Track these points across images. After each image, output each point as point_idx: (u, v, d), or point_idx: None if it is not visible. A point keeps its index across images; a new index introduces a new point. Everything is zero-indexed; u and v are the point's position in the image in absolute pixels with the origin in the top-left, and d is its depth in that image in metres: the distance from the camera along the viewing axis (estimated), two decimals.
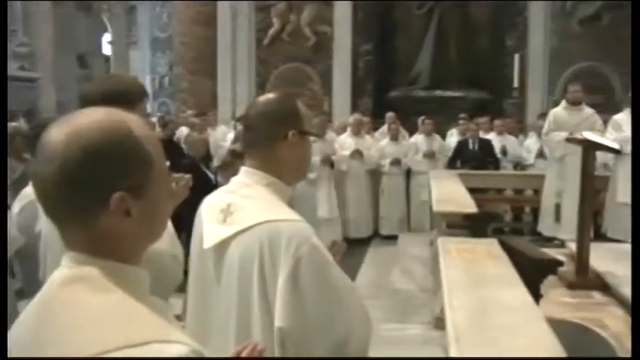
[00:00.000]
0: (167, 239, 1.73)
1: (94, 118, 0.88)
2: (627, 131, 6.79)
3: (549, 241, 6.85)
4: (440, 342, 1.97)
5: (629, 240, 6.53)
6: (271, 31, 11.85)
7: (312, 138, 1.60)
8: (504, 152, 8.43)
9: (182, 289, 1.74)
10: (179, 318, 1.93)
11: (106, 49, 15.04)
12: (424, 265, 5.59)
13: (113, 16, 13.59)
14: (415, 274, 5.52)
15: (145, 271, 0.94)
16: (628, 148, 6.64)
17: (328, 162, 7.87)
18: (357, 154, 8.11)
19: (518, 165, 8.68)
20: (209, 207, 1.57)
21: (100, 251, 0.88)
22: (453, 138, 8.93)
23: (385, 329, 4.15)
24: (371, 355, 3.66)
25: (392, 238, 7.79)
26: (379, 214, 8.38)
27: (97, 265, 0.87)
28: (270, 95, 1.62)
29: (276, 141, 1.52)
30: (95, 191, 0.85)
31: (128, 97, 1.79)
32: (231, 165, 5.56)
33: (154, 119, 11.35)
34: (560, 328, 3.87)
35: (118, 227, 0.88)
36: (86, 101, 1.71)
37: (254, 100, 1.64)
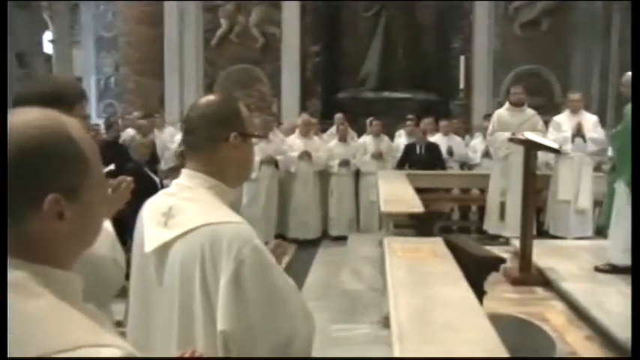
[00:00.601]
0: (107, 243, 1.69)
1: (29, 117, 0.85)
2: (567, 131, 7.04)
3: (495, 239, 7.01)
4: (388, 341, 1.99)
5: (570, 236, 6.80)
6: (219, 32, 11.75)
7: (254, 140, 1.60)
8: (451, 152, 8.60)
9: (124, 294, 1.70)
10: (121, 323, 1.89)
11: (48, 48, 14.56)
12: (373, 266, 5.63)
13: (55, 13, 13.19)
14: (364, 274, 5.57)
15: (78, 276, 0.92)
16: (567, 148, 6.89)
17: (272, 162, 7.86)
18: (305, 155, 8.13)
19: (465, 165, 8.87)
20: (150, 210, 1.54)
21: (31, 255, 0.85)
22: (401, 139, 9.05)
23: (334, 329, 4.18)
24: (321, 355, 3.68)
25: (341, 239, 7.83)
26: (328, 215, 8.42)
27: (28, 270, 0.84)
28: (210, 97, 1.61)
29: (217, 143, 1.51)
30: (28, 192, 0.82)
31: (64, 98, 1.75)
32: (181, 168, 5.48)
33: (100, 121, 11.09)
34: (503, 322, 3.98)
35: (50, 231, 0.85)
36: (20, 102, 1.66)
37: (195, 103, 1.62)
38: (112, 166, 5.73)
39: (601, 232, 5.19)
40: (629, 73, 5.39)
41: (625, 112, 5.06)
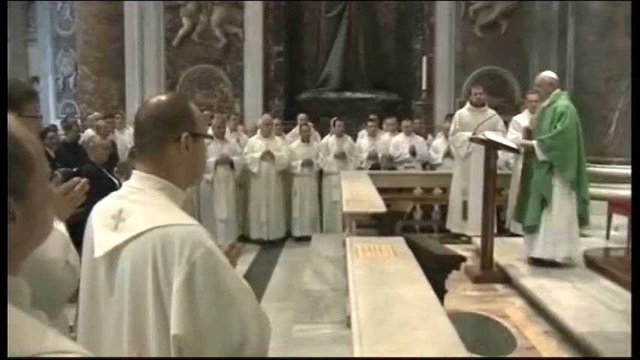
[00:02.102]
0: (60, 245, 1.65)
1: None
2: None
3: (457, 237, 7.09)
4: (350, 340, 1.99)
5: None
6: (181, 32, 11.64)
7: (206, 140, 1.57)
8: (413, 152, 8.67)
9: (75, 299, 1.66)
10: (72, 329, 1.83)
11: None
12: (336, 266, 5.64)
13: (8, 10, 12.80)
14: (327, 274, 5.57)
15: (25, 282, 0.89)
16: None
17: (227, 162, 7.80)
18: (267, 155, 8.09)
19: (427, 164, 8.95)
20: (100, 213, 1.50)
21: None
22: (363, 139, 9.08)
23: (297, 330, 4.17)
24: (283, 355, 3.64)
25: (305, 240, 7.81)
26: (292, 216, 8.39)
27: None
28: (161, 97, 1.56)
29: (167, 144, 1.48)
30: None
31: (12, 98, 1.70)
32: (129, 165, 5.41)
33: (58, 121, 10.81)
34: (463, 320, 4.04)
35: None
36: None
37: (144, 103, 1.58)
38: (74, 170, 5.61)
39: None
40: (543, 74, 5.61)
41: (565, 112, 5.20)
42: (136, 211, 1.43)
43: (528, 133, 5.67)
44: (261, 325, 1.44)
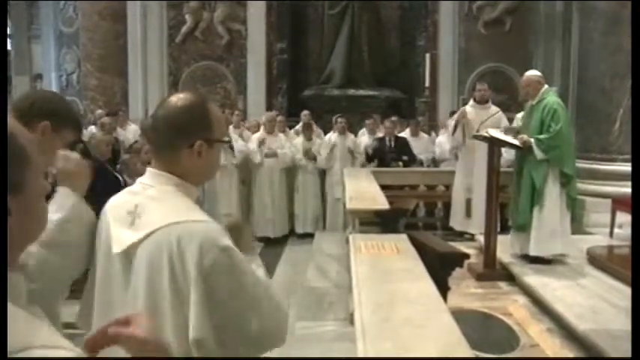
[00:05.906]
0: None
1: None
2: None
3: (460, 235, 7.08)
4: (353, 338, 1.98)
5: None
6: (184, 29, 11.64)
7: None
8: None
9: (76, 295, 1.65)
10: (70, 325, 1.83)
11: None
12: (339, 263, 5.64)
13: (12, 7, 12.83)
14: (331, 271, 5.57)
15: (21, 275, 0.88)
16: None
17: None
18: (271, 152, 8.07)
19: (433, 162, 8.94)
20: (115, 209, 1.50)
21: None
22: (364, 137, 9.06)
23: (300, 327, 4.16)
24: (285, 353, 3.64)
25: (308, 237, 7.81)
26: (294, 212, 8.38)
27: None
28: (180, 98, 1.52)
29: (180, 150, 1.47)
30: None
31: (57, 116, 1.71)
32: (131, 162, 5.40)
33: None
34: (466, 317, 4.03)
35: None
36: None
37: (165, 100, 1.55)
38: None
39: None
40: (528, 74, 5.60)
41: (557, 110, 5.20)
42: (151, 208, 1.43)
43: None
44: (279, 322, 1.46)
